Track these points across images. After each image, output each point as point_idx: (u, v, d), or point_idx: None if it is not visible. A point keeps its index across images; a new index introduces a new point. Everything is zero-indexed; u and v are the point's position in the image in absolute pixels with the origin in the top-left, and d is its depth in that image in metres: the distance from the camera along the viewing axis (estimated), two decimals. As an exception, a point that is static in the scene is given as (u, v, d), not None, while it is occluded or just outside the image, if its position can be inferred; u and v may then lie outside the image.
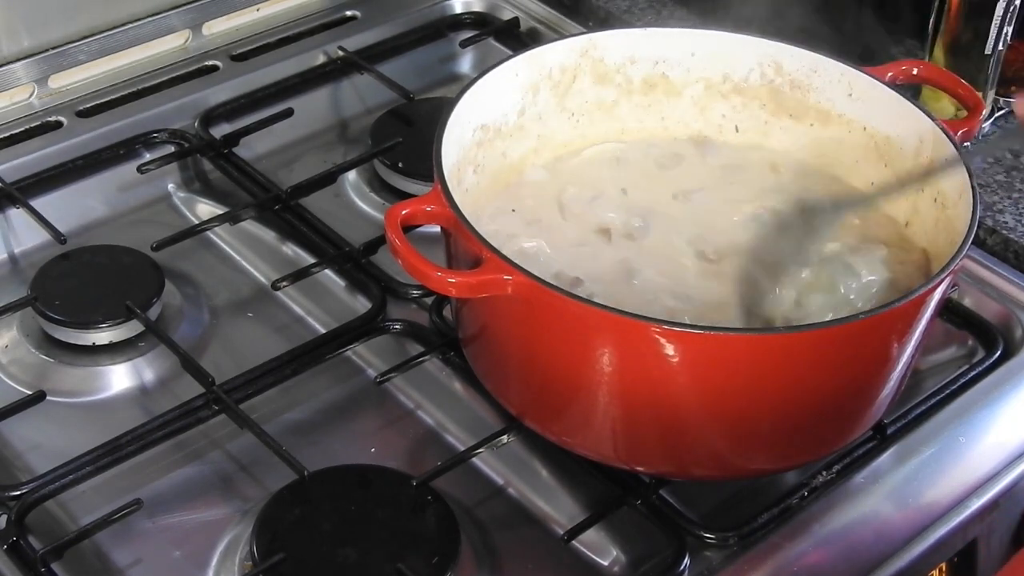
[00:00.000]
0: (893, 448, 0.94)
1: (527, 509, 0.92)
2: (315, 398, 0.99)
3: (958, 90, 1.00)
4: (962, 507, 0.91)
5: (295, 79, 1.24)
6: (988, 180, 1.16)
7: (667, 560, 0.86)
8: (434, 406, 0.99)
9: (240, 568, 0.86)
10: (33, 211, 1.07)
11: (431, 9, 1.34)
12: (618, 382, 0.82)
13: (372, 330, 1.01)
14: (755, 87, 1.03)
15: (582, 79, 1.02)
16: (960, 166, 0.90)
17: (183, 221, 1.13)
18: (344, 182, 1.17)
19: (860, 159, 1.00)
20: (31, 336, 1.01)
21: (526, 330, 0.84)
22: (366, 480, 0.90)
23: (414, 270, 0.82)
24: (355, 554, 0.84)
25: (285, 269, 1.06)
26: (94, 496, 0.90)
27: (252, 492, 0.92)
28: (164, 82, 1.23)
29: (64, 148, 1.15)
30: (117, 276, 1.03)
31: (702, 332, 0.79)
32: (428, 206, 0.85)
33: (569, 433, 0.88)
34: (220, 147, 1.16)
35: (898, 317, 0.82)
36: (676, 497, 0.91)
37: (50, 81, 1.20)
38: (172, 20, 1.25)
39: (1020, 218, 1.12)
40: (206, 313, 1.06)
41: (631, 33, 1.03)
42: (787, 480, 0.92)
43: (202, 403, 0.95)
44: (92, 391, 0.99)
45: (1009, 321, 1.04)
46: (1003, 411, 0.98)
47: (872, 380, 0.86)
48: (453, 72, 1.32)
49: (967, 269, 1.07)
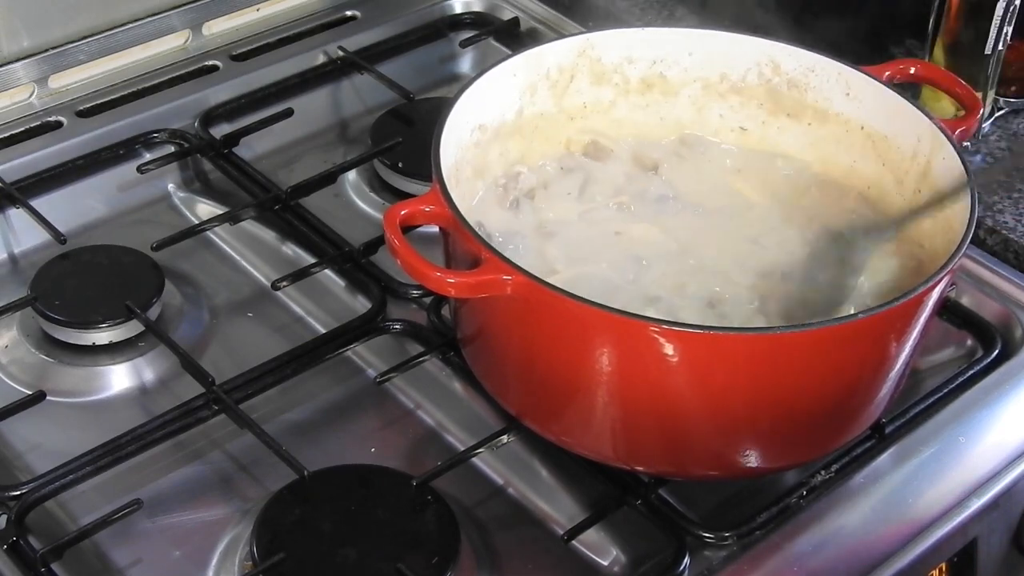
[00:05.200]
0: (893, 448, 0.94)
1: (527, 509, 0.92)
2: (315, 398, 0.99)
3: (956, 89, 1.00)
4: (962, 507, 0.91)
5: (295, 79, 1.24)
6: (988, 180, 1.16)
7: (667, 560, 0.86)
8: (434, 406, 0.99)
9: (240, 568, 0.86)
10: (33, 211, 1.07)
11: (431, 9, 1.34)
12: (617, 382, 0.82)
13: (372, 330, 1.02)
14: (753, 87, 1.03)
15: (580, 79, 1.02)
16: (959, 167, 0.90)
17: (183, 221, 1.13)
18: (344, 182, 1.17)
19: (858, 158, 1.00)
20: (31, 336, 1.01)
21: (525, 330, 0.84)
22: (366, 480, 0.90)
23: (413, 270, 0.82)
24: (355, 554, 0.84)
25: (285, 269, 1.06)
26: (94, 496, 0.90)
27: (252, 492, 0.92)
28: (164, 82, 1.23)
29: (64, 148, 1.15)
30: (117, 276, 1.04)
31: (701, 332, 0.79)
32: (427, 206, 0.85)
33: (568, 433, 0.88)
34: (220, 147, 1.16)
35: (896, 316, 0.82)
36: (676, 497, 0.91)
37: (50, 81, 1.20)
38: (172, 20, 1.25)
39: (1020, 218, 1.12)
40: (206, 313, 1.06)
41: (628, 33, 1.03)
42: (786, 480, 0.92)
43: (202, 403, 0.95)
44: (92, 391, 0.99)
45: (1008, 321, 1.04)
46: (1003, 411, 0.98)
47: (870, 380, 0.86)
48: (453, 72, 1.32)
49: (966, 269, 1.07)
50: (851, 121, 1.00)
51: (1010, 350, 1.02)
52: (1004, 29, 1.16)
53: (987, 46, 1.16)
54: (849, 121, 1.00)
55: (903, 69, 1.01)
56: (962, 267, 1.05)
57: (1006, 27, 1.16)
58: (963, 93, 1.00)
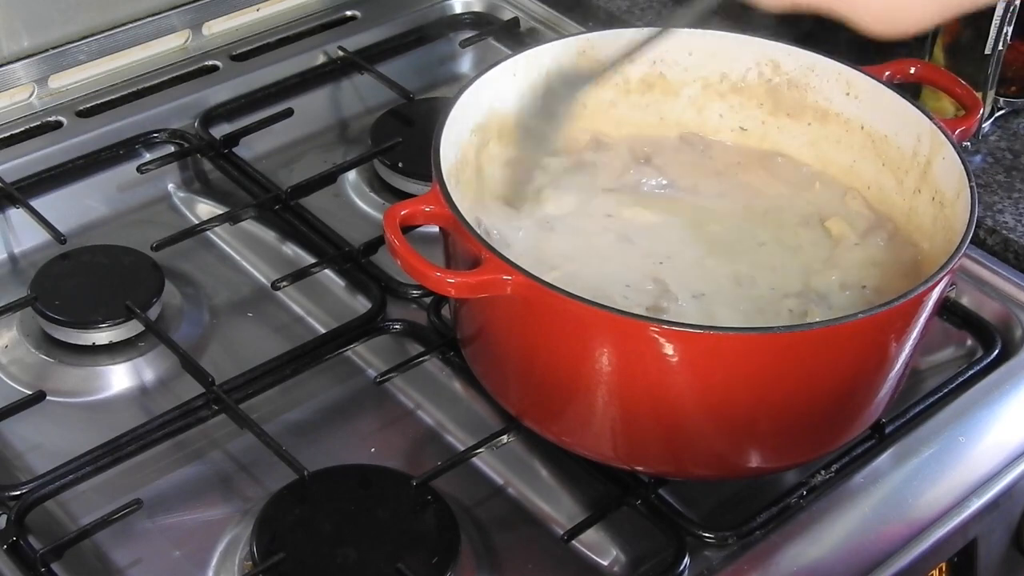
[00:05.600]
0: (893, 448, 0.94)
1: (527, 509, 0.92)
2: (315, 398, 0.99)
3: (955, 89, 1.00)
4: (962, 507, 0.91)
5: (295, 79, 1.24)
6: (988, 180, 1.16)
7: (667, 560, 0.86)
8: (434, 406, 0.99)
9: (240, 568, 0.86)
10: (33, 211, 1.07)
11: (431, 9, 1.34)
12: (617, 382, 0.82)
13: (372, 330, 1.02)
14: (753, 86, 1.03)
15: (580, 79, 1.02)
16: (959, 167, 0.90)
17: (183, 221, 1.13)
18: (344, 182, 1.17)
19: (858, 158, 1.00)
20: (31, 336, 1.01)
21: (525, 330, 0.84)
22: (366, 480, 0.90)
23: (413, 270, 0.82)
24: (355, 554, 0.84)
25: (285, 269, 1.06)
26: (94, 496, 0.90)
27: (252, 492, 0.92)
28: (164, 82, 1.23)
29: (64, 148, 1.15)
30: (117, 276, 1.03)
31: (701, 332, 0.79)
32: (427, 206, 0.85)
33: (568, 433, 0.88)
34: (220, 147, 1.16)
35: (896, 316, 0.82)
36: (676, 497, 0.91)
37: (50, 81, 1.20)
38: (172, 20, 1.25)
39: (1020, 218, 1.12)
40: (206, 313, 1.06)
41: (628, 33, 1.02)
42: (786, 480, 0.92)
43: (202, 403, 0.95)
44: (92, 391, 0.99)
45: (1008, 321, 1.04)
46: (1003, 411, 0.98)
47: (870, 379, 0.86)
48: (453, 72, 1.32)
49: (966, 269, 1.07)
50: (851, 121, 1.00)
51: (1010, 350, 1.02)
52: (1004, 29, 1.16)
53: (987, 46, 1.16)
54: (849, 121, 1.00)
55: (903, 69, 1.01)
56: (962, 267, 1.05)
57: (1006, 27, 1.16)
58: (963, 93, 1.00)
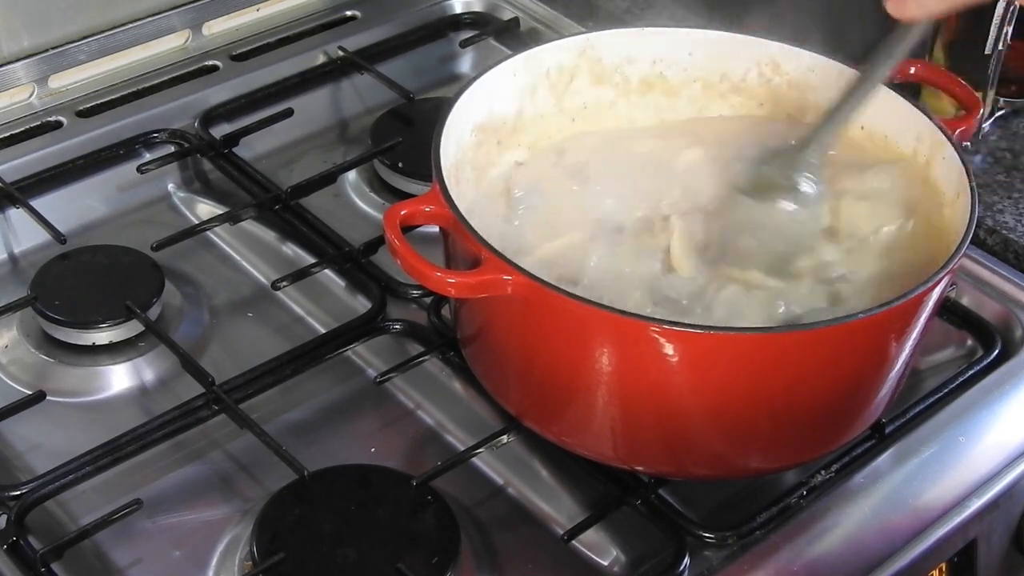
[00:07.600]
0: (893, 448, 0.94)
1: (527, 509, 0.92)
2: (315, 398, 0.99)
3: (955, 89, 1.00)
4: (962, 507, 0.91)
5: (295, 79, 1.24)
6: (988, 180, 1.17)
7: (667, 560, 0.86)
8: (434, 406, 0.99)
9: (240, 568, 0.86)
10: (33, 211, 1.07)
11: (431, 9, 1.34)
12: (617, 382, 0.82)
13: (372, 330, 1.02)
14: (753, 87, 1.03)
15: (580, 79, 1.02)
16: (959, 167, 0.90)
17: (183, 221, 1.13)
18: (344, 182, 1.17)
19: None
20: (31, 336, 1.01)
21: (525, 330, 0.84)
22: (366, 480, 0.90)
23: (413, 270, 0.82)
24: (355, 554, 0.84)
25: (285, 269, 1.06)
26: (94, 496, 0.91)
27: (252, 492, 0.92)
28: (164, 82, 1.23)
29: (64, 148, 1.15)
30: (117, 276, 1.03)
31: (701, 332, 0.79)
32: (427, 206, 0.85)
33: (568, 433, 0.88)
34: (220, 147, 1.16)
35: (896, 316, 0.82)
36: (676, 497, 0.91)
37: (50, 81, 1.20)
38: (172, 20, 1.25)
39: (1020, 218, 1.12)
40: (206, 313, 1.06)
41: (629, 33, 1.03)
42: (786, 479, 0.92)
43: (202, 403, 0.95)
44: (92, 391, 0.99)
45: (1008, 321, 1.04)
46: (1003, 411, 0.98)
47: (870, 379, 0.86)
48: (453, 72, 1.32)
49: (966, 269, 1.07)
50: (851, 121, 1.00)
51: (1010, 350, 1.02)
52: (1004, 29, 1.16)
53: (987, 46, 1.16)
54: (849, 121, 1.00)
55: (903, 69, 1.00)
56: (962, 267, 1.05)
57: (1006, 27, 1.16)
58: (963, 93, 1.00)
